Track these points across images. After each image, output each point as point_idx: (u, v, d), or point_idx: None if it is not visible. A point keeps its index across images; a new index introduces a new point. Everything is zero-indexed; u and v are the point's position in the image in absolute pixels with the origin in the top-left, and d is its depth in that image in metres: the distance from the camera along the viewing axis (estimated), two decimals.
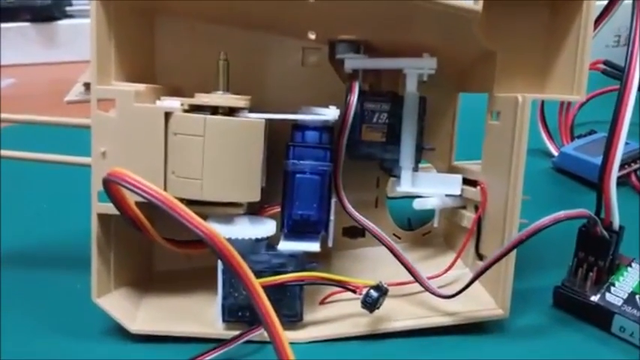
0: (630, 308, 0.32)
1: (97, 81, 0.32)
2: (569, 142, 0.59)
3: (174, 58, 0.38)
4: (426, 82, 0.37)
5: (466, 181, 0.39)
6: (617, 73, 0.55)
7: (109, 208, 0.32)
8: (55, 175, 0.47)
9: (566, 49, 0.34)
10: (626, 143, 0.33)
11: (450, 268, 0.37)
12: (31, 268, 0.41)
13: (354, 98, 0.35)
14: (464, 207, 0.40)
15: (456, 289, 0.36)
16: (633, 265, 0.35)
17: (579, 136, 0.60)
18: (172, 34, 0.38)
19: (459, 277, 0.38)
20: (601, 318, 0.33)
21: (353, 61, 0.37)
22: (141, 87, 0.33)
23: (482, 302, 0.35)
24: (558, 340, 0.33)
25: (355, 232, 0.41)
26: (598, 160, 0.33)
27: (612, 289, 0.34)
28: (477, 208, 0.38)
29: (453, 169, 0.42)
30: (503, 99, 0.35)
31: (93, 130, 0.32)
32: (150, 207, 0.32)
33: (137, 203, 0.32)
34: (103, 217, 0.33)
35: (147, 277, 0.39)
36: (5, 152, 0.37)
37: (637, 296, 0.33)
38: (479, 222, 0.37)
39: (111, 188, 0.30)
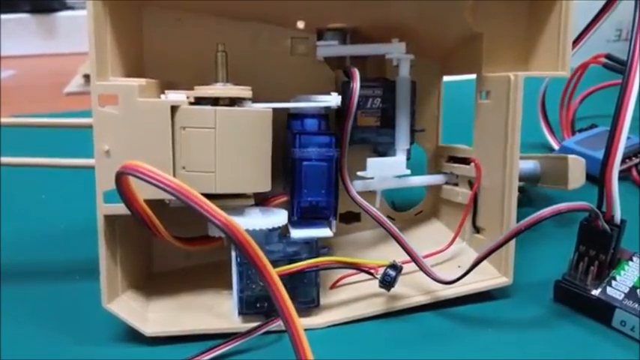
0: (631, 302, 0.27)
1: (96, 77, 0.25)
2: (570, 136, 0.51)
3: (163, 51, 0.31)
4: (413, 67, 0.32)
5: (456, 159, 0.34)
6: (619, 67, 0.47)
7: (116, 209, 0.26)
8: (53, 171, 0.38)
9: (549, 26, 0.29)
10: (628, 137, 0.27)
11: (451, 244, 0.32)
12: (30, 274, 0.33)
13: (356, 85, 0.29)
14: (456, 184, 0.34)
15: (456, 264, 0.31)
16: (634, 259, 0.30)
17: (580, 130, 0.51)
18: (160, 26, 0.31)
19: (457, 253, 0.32)
20: (602, 312, 0.28)
21: (324, 49, 0.32)
22: (142, 81, 0.26)
23: (486, 273, 0.30)
24: (559, 333, 0.27)
25: (350, 217, 0.35)
26: (599, 154, 0.28)
27: (613, 283, 0.28)
28: (470, 183, 0.33)
29: (440, 150, 0.36)
30: (494, 78, 0.30)
31: (95, 128, 0.25)
32: (156, 206, 0.26)
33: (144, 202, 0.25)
34: (108, 219, 0.26)
35: (147, 278, 0.32)
36: (5, 159, 0.30)
37: (638, 290, 0.28)
38: (475, 197, 0.32)
39: (122, 183, 0.24)
